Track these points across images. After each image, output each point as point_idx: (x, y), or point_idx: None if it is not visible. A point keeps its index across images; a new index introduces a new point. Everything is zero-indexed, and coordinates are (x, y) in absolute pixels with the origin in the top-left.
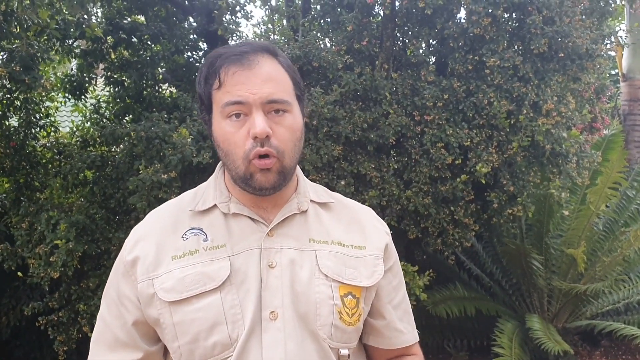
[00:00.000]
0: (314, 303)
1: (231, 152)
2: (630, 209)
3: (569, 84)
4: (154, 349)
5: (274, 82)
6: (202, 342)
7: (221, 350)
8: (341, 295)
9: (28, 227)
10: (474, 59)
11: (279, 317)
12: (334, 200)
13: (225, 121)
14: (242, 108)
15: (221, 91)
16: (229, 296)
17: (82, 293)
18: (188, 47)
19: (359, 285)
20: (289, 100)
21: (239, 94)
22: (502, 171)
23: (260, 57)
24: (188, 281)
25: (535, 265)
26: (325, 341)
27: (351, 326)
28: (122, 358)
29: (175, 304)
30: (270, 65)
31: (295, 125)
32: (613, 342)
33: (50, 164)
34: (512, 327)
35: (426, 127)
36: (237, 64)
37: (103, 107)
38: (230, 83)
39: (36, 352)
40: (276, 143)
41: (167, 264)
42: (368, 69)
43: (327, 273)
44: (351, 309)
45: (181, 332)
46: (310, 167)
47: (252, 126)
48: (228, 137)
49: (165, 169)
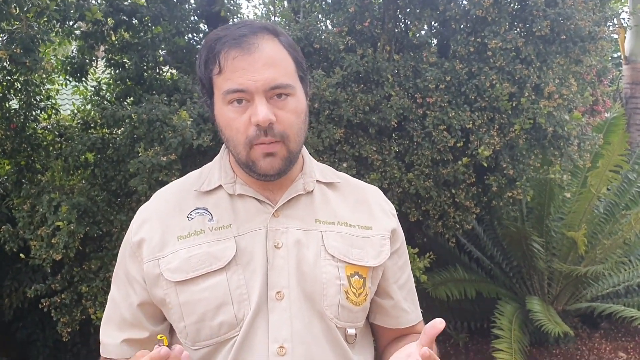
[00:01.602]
0: (320, 283)
1: (232, 138)
2: (631, 192)
3: (570, 66)
4: (159, 329)
5: (276, 66)
6: (208, 322)
7: (227, 330)
8: (348, 275)
9: (30, 209)
10: (476, 40)
11: (285, 297)
12: (341, 180)
13: (227, 107)
14: (244, 95)
15: (222, 77)
16: (235, 276)
17: (84, 275)
18: (189, 28)
19: (366, 265)
20: (291, 84)
21: (240, 82)
22: (503, 154)
23: (261, 39)
24: (194, 261)
25: (535, 248)
26: (332, 321)
27: (358, 306)
28: (129, 335)
29: (181, 284)
30: (272, 47)
31: (299, 108)
32: (613, 324)
33: (52, 146)
34: (512, 309)
35: (428, 109)
36: (237, 48)
37: (104, 89)
38: (230, 69)
39: (39, 333)
40: (280, 128)
41: (173, 244)
42: (370, 51)
43: (334, 253)
44: (358, 289)
45: (187, 312)
46: (311, 150)
47: (255, 114)
48: (230, 123)
49: (165, 151)
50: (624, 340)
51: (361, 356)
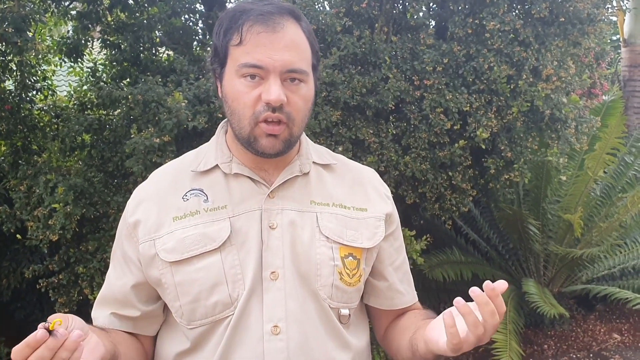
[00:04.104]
0: (314, 264)
1: (238, 111)
2: (628, 175)
3: (569, 48)
4: (151, 308)
5: (296, 50)
6: (203, 302)
7: (222, 309)
8: (342, 256)
9: (26, 189)
10: (474, 22)
11: (280, 277)
12: (337, 162)
13: (239, 79)
14: (260, 72)
15: (240, 49)
16: (230, 256)
17: (81, 256)
18: (185, 9)
19: (360, 246)
20: (306, 71)
21: (259, 58)
22: (501, 137)
23: (286, 20)
24: (189, 242)
25: (532, 231)
26: (326, 301)
27: (352, 287)
28: (119, 310)
29: (177, 264)
30: (295, 30)
31: (309, 95)
32: (608, 307)
33: (48, 127)
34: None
35: (425, 92)
36: (262, 24)
37: (100, 70)
38: (252, 43)
39: (37, 313)
40: (289, 110)
41: (169, 225)
42: (367, 32)
43: (328, 234)
44: (352, 270)
45: (182, 292)
46: (308, 132)
47: (267, 92)
48: (239, 96)
49: (160, 132)
50: (619, 322)
51: (355, 337)
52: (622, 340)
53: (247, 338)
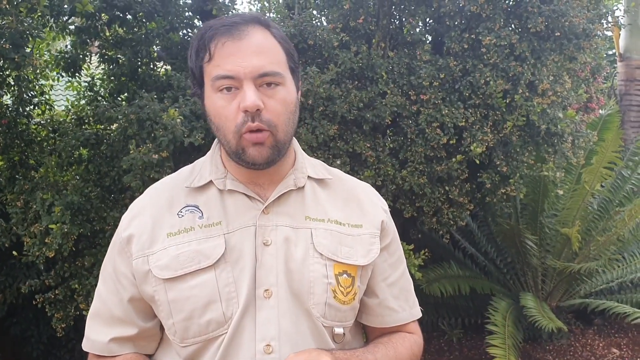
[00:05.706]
0: (307, 281)
1: (222, 126)
2: (625, 189)
3: (565, 63)
4: (149, 325)
5: (265, 53)
6: (196, 320)
7: (215, 328)
8: (336, 274)
9: (23, 205)
10: (470, 37)
11: (273, 295)
12: (332, 177)
13: (216, 95)
14: (233, 82)
15: (211, 64)
16: (224, 274)
17: (76, 271)
18: (183, 24)
19: (354, 264)
20: (281, 73)
21: (229, 68)
22: (497, 151)
23: (251, 27)
24: (182, 259)
25: (529, 245)
26: (319, 320)
27: (346, 305)
28: (118, 333)
29: (170, 281)
30: (262, 36)
31: (289, 98)
32: (606, 321)
33: (45, 142)
34: (506, 305)
35: (422, 106)
36: (227, 34)
37: (97, 85)
38: (220, 55)
39: (33, 329)
40: (268, 117)
41: (163, 241)
42: (364, 48)
43: (322, 251)
44: (346, 288)
45: (176, 310)
46: (305, 146)
47: (243, 100)
48: (219, 111)
49: (157, 148)
50: (617, 336)
51: None
52: (620, 354)
53: (239, 357)
